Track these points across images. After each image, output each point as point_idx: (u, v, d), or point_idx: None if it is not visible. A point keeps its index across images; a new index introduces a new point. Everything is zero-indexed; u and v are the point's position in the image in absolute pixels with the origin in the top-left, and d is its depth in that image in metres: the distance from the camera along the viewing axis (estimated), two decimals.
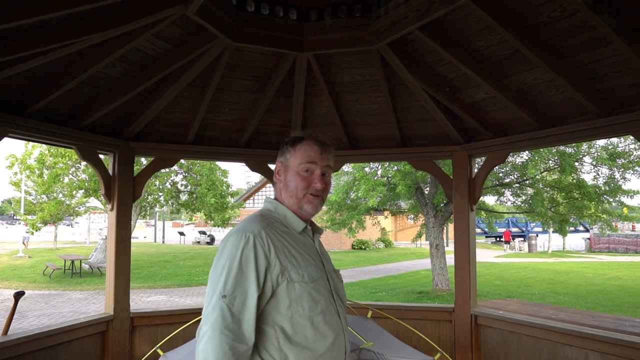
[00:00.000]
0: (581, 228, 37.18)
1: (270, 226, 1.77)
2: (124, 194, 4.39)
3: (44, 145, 18.77)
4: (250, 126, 4.65)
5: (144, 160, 16.22)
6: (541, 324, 4.17)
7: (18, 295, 4.29)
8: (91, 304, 12.51)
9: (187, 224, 56.95)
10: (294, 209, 1.86)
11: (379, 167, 14.23)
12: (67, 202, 23.61)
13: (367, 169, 14.30)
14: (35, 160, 21.32)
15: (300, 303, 1.69)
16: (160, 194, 23.26)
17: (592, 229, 33.40)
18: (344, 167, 12.97)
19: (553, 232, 27.75)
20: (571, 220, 15.19)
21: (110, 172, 4.37)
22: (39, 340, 3.67)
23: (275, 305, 1.68)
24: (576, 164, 13.08)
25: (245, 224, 1.77)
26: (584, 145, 13.15)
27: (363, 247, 31.37)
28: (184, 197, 23.72)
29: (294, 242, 1.79)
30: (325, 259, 1.91)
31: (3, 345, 3.41)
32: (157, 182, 22.60)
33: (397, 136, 4.73)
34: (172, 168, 21.48)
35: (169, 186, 23.13)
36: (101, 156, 4.34)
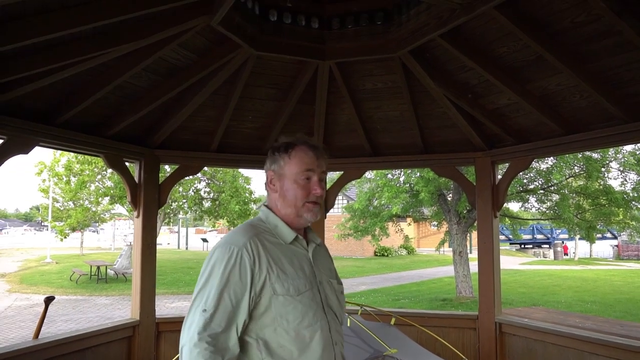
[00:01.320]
0: (609, 235, 36.36)
1: (258, 237, 1.72)
2: (149, 201, 4.47)
3: (71, 153, 19.19)
4: (273, 134, 4.70)
5: (167, 168, 16.46)
6: (567, 333, 4.11)
7: (48, 300, 4.39)
8: (116, 309, 12.70)
9: (209, 231, 57.37)
10: (289, 218, 1.80)
11: (402, 173, 14.17)
12: (93, 209, 24.06)
13: (389, 176, 14.26)
14: (63, 167, 21.79)
15: (285, 316, 1.64)
16: (184, 200, 23.55)
17: (620, 235, 32.67)
18: (366, 174, 12.94)
19: (579, 239, 27.22)
20: (598, 227, 14.89)
21: (136, 179, 4.46)
22: (68, 345, 3.77)
23: (259, 318, 1.65)
24: (603, 169, 12.84)
25: (232, 235, 1.74)
26: (611, 151, 12.91)
27: (385, 254, 31.19)
28: (207, 204, 23.97)
29: (282, 253, 1.74)
30: (319, 269, 1.83)
31: (35, 348, 3.52)
32: (181, 189, 22.89)
33: (420, 143, 4.72)
34: (196, 175, 21.74)
35: (193, 193, 23.41)
36: (127, 164, 4.43)
